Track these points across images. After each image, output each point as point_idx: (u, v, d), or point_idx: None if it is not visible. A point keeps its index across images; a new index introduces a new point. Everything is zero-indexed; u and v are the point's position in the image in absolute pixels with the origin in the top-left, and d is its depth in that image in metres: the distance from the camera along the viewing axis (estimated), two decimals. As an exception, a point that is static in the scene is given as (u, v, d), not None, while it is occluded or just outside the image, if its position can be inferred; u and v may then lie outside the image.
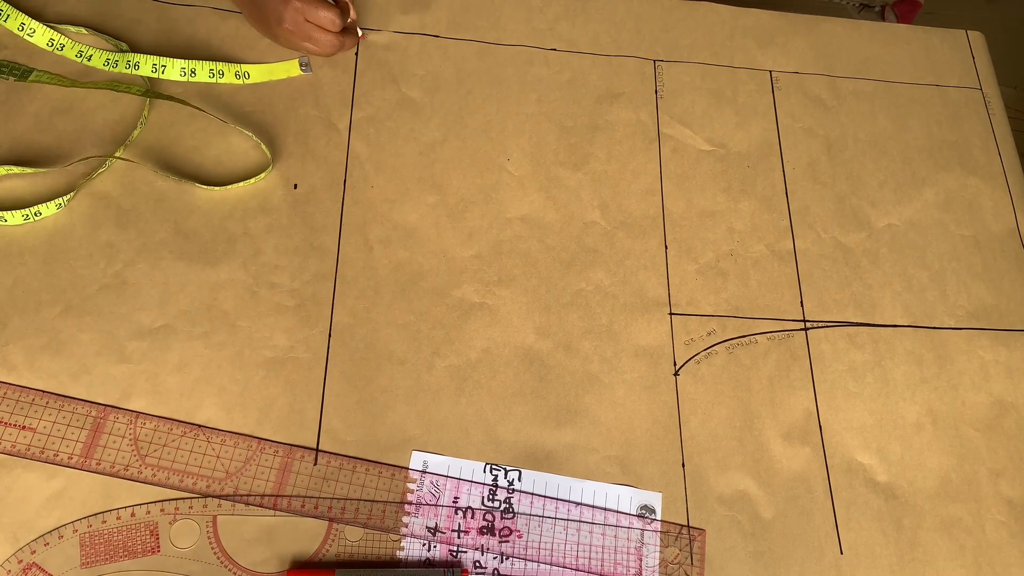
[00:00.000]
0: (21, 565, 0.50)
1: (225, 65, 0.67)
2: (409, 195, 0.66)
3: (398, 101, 0.70)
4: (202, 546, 0.52)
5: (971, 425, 0.63)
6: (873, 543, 0.58)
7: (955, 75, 0.80)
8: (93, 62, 0.66)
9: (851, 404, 0.63)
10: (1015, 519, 0.60)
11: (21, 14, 0.65)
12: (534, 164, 0.69)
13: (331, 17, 0.66)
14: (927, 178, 0.74)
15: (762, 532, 0.57)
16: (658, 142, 0.71)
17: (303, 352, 0.59)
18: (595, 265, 0.65)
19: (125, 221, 0.61)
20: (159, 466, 0.54)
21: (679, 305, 0.65)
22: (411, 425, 0.58)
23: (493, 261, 0.64)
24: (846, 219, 0.70)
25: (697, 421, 0.61)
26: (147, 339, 0.58)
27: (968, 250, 0.71)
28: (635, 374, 0.62)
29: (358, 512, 0.55)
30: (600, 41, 0.76)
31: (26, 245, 0.60)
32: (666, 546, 0.56)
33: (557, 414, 0.60)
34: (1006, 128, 0.78)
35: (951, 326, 0.67)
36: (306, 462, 0.56)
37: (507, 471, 0.57)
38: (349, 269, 0.62)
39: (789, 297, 0.66)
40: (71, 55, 0.66)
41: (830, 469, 0.60)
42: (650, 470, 0.59)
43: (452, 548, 0.55)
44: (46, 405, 0.55)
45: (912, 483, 0.60)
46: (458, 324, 0.62)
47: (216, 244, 0.62)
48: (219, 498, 0.54)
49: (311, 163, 0.66)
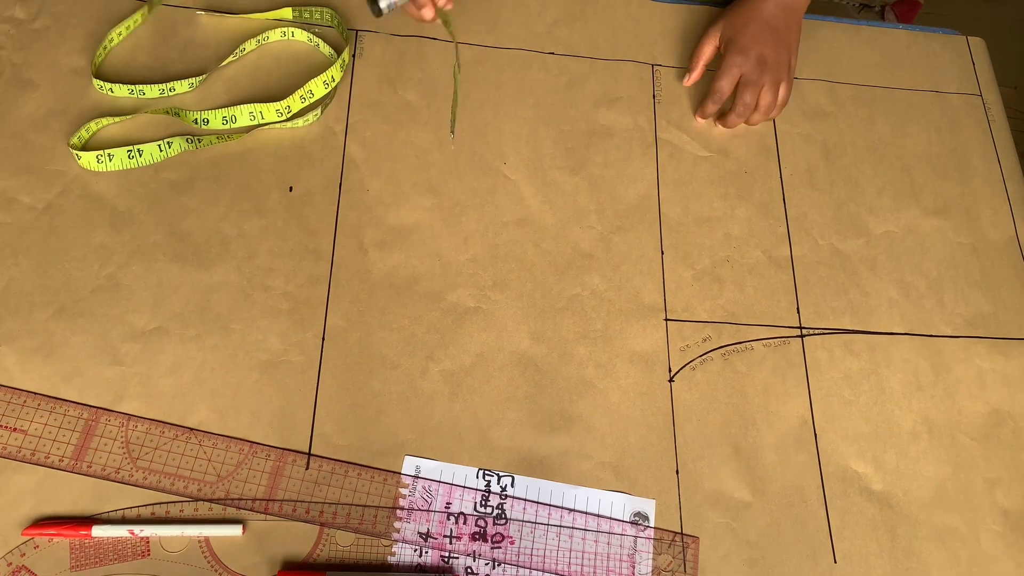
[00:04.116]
0: (10, 568, 0.50)
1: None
2: (405, 198, 0.66)
3: (395, 104, 0.70)
4: (192, 550, 0.52)
5: (967, 434, 0.63)
6: (867, 552, 0.58)
7: (955, 81, 0.79)
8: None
9: (847, 412, 0.62)
10: (1010, 529, 0.60)
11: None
12: (531, 168, 0.69)
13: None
14: (926, 185, 0.73)
15: (756, 540, 0.57)
16: (655, 147, 0.71)
17: (296, 355, 0.59)
18: (591, 270, 0.65)
19: (119, 223, 0.61)
20: (150, 469, 0.54)
21: (675, 311, 0.64)
22: (404, 430, 0.58)
23: (488, 265, 0.64)
24: (844, 226, 0.70)
25: (692, 428, 0.60)
26: (140, 341, 0.58)
27: (966, 258, 0.70)
28: (630, 380, 0.61)
29: (350, 517, 0.54)
30: (598, 45, 0.75)
31: (20, 246, 0.60)
32: (659, 553, 0.56)
33: (551, 420, 0.59)
34: (1006, 135, 0.77)
35: (948, 334, 0.67)
36: (298, 466, 0.55)
37: (500, 477, 0.57)
38: (344, 272, 0.62)
39: (785, 304, 0.66)
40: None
41: (825, 477, 0.60)
42: (644, 477, 0.58)
43: (444, 554, 0.54)
44: (38, 407, 0.55)
45: (907, 492, 0.60)
46: (452, 328, 0.61)
47: (210, 246, 0.61)
48: (210, 502, 0.54)
49: (307, 165, 0.66)
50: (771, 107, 0.70)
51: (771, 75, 0.70)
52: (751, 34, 0.70)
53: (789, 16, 0.71)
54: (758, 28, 0.70)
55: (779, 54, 0.70)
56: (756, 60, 0.69)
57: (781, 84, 0.70)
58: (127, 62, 0.68)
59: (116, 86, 0.65)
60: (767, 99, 0.70)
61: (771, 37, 0.70)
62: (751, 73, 0.69)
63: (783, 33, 0.71)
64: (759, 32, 0.70)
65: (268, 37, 0.70)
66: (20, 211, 0.61)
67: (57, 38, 0.68)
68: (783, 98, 0.71)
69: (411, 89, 0.70)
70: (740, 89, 0.70)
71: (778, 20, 0.71)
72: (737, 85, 0.70)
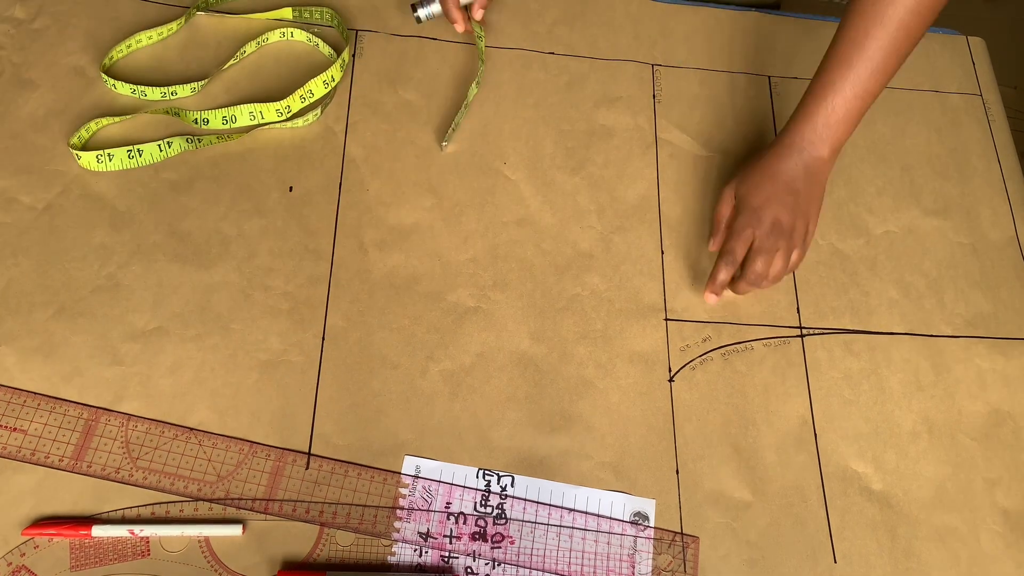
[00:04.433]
0: (10, 568, 0.50)
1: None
2: (405, 198, 0.66)
3: (395, 104, 0.70)
4: (192, 550, 0.52)
5: (967, 434, 0.63)
6: (867, 552, 0.58)
7: (955, 81, 0.79)
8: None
9: (847, 412, 0.62)
10: (1010, 529, 0.60)
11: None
12: (531, 168, 0.69)
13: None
14: (925, 185, 0.73)
15: (756, 540, 0.57)
16: (655, 147, 0.71)
17: (296, 355, 0.59)
18: (591, 270, 0.65)
19: (119, 223, 0.61)
20: (150, 469, 0.54)
21: (675, 311, 0.64)
22: (404, 430, 0.58)
23: (488, 265, 0.64)
24: (844, 226, 0.70)
25: (692, 428, 0.60)
26: (140, 341, 0.58)
27: (966, 258, 0.70)
28: (630, 380, 0.61)
29: (349, 517, 0.54)
30: (598, 45, 0.75)
31: (20, 246, 0.60)
32: (659, 553, 0.56)
33: (551, 419, 0.59)
34: (1006, 135, 0.77)
35: (948, 334, 0.67)
36: (298, 466, 0.55)
37: (500, 476, 0.57)
38: (344, 272, 0.62)
39: (785, 304, 0.66)
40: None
41: (825, 477, 0.60)
42: (644, 477, 0.58)
43: (444, 554, 0.54)
44: (38, 407, 0.55)
45: (907, 492, 0.60)
46: (452, 328, 0.61)
47: (210, 246, 0.61)
48: (210, 501, 0.54)
49: (307, 165, 0.66)
50: (782, 274, 0.63)
51: (785, 241, 0.61)
52: (764, 195, 0.62)
53: (811, 177, 0.62)
54: (774, 189, 0.62)
55: (796, 220, 0.61)
56: (770, 225, 0.61)
57: (795, 250, 0.62)
58: (127, 61, 0.68)
59: (120, 83, 0.65)
60: (778, 266, 0.61)
61: (789, 200, 0.61)
62: (764, 239, 0.61)
63: (802, 197, 0.62)
64: (775, 194, 0.62)
65: (268, 38, 0.70)
66: (20, 211, 0.61)
67: (57, 38, 0.68)
68: (795, 262, 0.63)
69: (411, 89, 0.70)
70: (752, 255, 0.61)
71: (797, 182, 0.62)
72: (749, 249, 0.62)
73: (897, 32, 0.59)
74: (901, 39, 0.59)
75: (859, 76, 0.60)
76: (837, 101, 0.61)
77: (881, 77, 0.60)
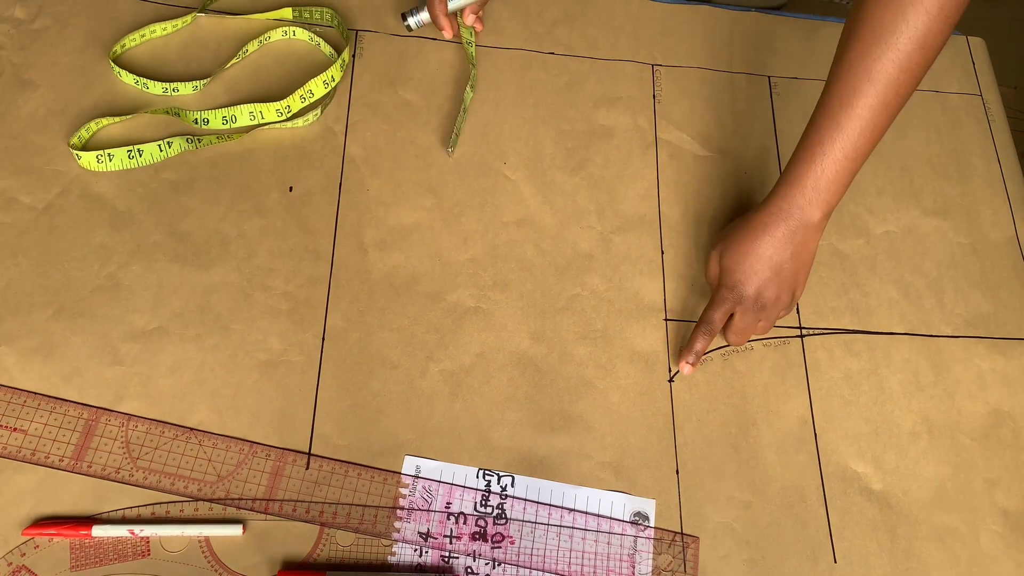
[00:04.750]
0: (11, 568, 0.50)
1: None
2: (405, 198, 0.66)
3: (395, 104, 0.70)
4: (192, 550, 0.52)
5: (967, 434, 0.63)
6: (867, 552, 0.58)
7: (955, 81, 0.79)
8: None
9: (846, 412, 0.62)
10: (1010, 529, 0.60)
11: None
12: (531, 168, 0.69)
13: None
14: (925, 185, 0.73)
15: (756, 540, 0.57)
16: (655, 147, 0.71)
17: (296, 355, 0.59)
18: (591, 270, 0.65)
19: (119, 223, 0.61)
20: (150, 469, 0.54)
21: (675, 311, 0.64)
22: (404, 430, 0.58)
23: (488, 265, 0.64)
24: (844, 226, 0.70)
25: (691, 428, 0.60)
26: (140, 341, 0.58)
27: (966, 258, 0.70)
28: (630, 380, 0.61)
29: (350, 517, 0.54)
30: (598, 45, 0.75)
31: (20, 246, 0.60)
32: (659, 553, 0.56)
33: (551, 420, 0.59)
34: (1006, 135, 0.77)
35: (948, 334, 0.67)
36: (298, 466, 0.55)
37: (500, 476, 0.57)
38: (343, 272, 0.62)
39: (785, 304, 0.66)
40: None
41: (825, 477, 0.60)
42: (644, 477, 0.58)
43: (444, 554, 0.54)
44: (38, 407, 0.55)
45: (907, 492, 0.60)
46: (452, 329, 0.61)
47: (210, 246, 0.61)
48: (210, 501, 0.54)
49: (307, 166, 0.66)
50: (762, 333, 0.62)
51: (767, 313, 0.60)
52: (745, 271, 0.59)
53: (798, 247, 0.59)
54: (758, 265, 0.59)
55: (780, 293, 0.59)
56: (752, 300, 0.59)
57: (781, 311, 0.62)
58: (128, 61, 0.68)
59: (124, 72, 0.65)
60: (758, 330, 0.61)
61: (772, 277, 0.59)
62: (745, 315, 0.60)
63: (787, 271, 0.59)
64: (758, 270, 0.59)
65: (270, 36, 0.70)
66: (20, 211, 0.61)
67: (57, 38, 0.68)
68: (771, 324, 0.62)
69: (411, 89, 0.70)
70: (731, 324, 0.60)
71: (783, 256, 0.59)
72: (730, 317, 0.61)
73: (887, 89, 0.55)
74: (891, 96, 0.56)
75: (848, 136, 0.56)
76: (827, 163, 0.57)
77: (871, 136, 0.57)
